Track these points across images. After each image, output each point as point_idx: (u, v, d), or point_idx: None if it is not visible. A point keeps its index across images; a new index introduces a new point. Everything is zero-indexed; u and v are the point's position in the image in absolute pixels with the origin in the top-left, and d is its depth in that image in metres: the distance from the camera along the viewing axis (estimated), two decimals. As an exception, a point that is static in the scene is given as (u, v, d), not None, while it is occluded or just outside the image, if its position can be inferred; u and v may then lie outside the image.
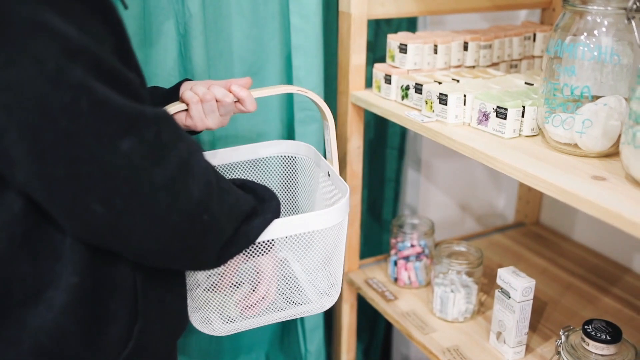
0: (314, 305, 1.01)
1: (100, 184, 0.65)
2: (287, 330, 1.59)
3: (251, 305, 0.96)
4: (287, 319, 1.01)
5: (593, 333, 1.01)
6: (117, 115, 0.64)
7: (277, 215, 0.88)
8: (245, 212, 0.83)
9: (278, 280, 0.97)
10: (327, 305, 1.02)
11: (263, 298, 0.95)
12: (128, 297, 0.79)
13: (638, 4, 0.84)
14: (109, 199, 0.66)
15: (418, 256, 1.38)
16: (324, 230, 0.94)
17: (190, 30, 1.20)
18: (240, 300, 0.95)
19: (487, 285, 1.37)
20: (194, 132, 1.00)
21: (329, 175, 1.07)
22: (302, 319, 1.52)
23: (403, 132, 1.65)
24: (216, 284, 0.94)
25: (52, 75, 0.60)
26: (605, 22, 0.88)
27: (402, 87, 1.19)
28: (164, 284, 0.85)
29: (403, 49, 1.22)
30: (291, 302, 1.00)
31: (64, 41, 0.61)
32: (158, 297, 0.84)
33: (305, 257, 0.97)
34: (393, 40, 1.25)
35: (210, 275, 0.94)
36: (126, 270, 0.78)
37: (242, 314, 0.96)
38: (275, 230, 0.88)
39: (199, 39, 1.21)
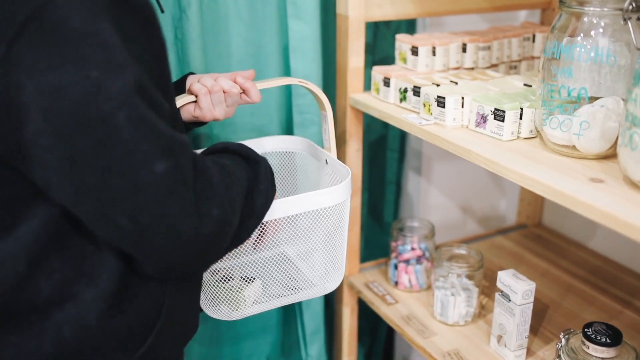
0: (317, 289, 1.05)
1: (128, 198, 0.64)
2: (288, 335, 1.59)
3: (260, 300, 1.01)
4: (293, 302, 1.07)
5: (593, 336, 1.00)
6: (154, 135, 0.64)
7: (270, 187, 0.89)
8: (242, 203, 0.82)
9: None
10: (330, 288, 1.06)
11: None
12: (154, 298, 0.80)
13: (634, 4, 0.83)
14: (135, 215, 0.65)
15: (418, 259, 1.38)
16: (327, 210, 0.97)
17: (187, 34, 1.20)
18: (250, 295, 0.99)
19: (489, 288, 1.36)
20: (202, 123, 1.03)
21: (326, 162, 1.08)
22: (302, 323, 1.51)
23: (403, 134, 1.65)
24: (228, 276, 0.99)
25: (94, 84, 0.60)
26: (602, 23, 0.88)
27: (400, 89, 1.19)
28: (186, 287, 0.87)
29: (415, 51, 1.25)
30: (294, 289, 1.04)
31: (111, 53, 0.61)
32: (180, 300, 0.85)
33: (308, 238, 1.00)
34: (404, 43, 1.25)
35: (223, 269, 0.98)
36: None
37: (252, 307, 1.00)
38: (278, 210, 0.92)
39: (197, 42, 1.21)
